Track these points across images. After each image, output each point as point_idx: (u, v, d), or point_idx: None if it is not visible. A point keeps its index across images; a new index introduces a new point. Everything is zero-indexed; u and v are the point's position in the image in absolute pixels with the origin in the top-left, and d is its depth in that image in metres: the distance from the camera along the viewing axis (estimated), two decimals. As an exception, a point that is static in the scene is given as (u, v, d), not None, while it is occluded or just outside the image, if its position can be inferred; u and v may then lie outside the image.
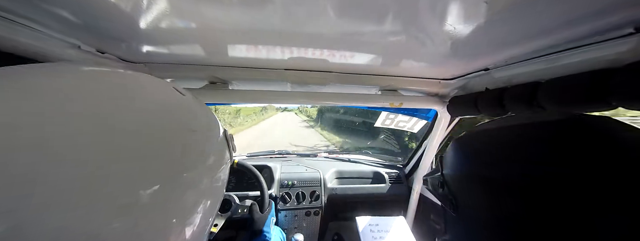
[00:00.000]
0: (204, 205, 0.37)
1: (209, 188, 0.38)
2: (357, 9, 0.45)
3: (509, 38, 0.53)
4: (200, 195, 0.36)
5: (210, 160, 0.39)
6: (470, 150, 0.40)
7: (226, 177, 0.47)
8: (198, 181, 0.35)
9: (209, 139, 0.40)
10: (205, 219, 0.38)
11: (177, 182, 0.31)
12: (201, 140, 0.38)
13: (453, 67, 0.81)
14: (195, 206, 0.35)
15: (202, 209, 0.36)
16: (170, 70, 0.82)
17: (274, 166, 1.51)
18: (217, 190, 0.42)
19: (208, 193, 0.38)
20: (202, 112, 0.42)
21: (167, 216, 0.29)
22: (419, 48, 0.63)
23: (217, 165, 0.41)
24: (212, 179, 0.39)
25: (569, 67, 0.55)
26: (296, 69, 0.86)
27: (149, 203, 0.27)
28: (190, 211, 0.34)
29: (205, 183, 0.37)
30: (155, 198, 0.27)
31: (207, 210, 0.38)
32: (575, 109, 0.53)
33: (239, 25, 0.52)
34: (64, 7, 0.45)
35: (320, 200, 1.43)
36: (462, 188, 0.40)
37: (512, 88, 0.69)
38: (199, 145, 0.37)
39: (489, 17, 0.44)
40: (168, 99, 0.35)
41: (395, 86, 1.00)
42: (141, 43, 0.64)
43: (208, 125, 0.41)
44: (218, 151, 0.42)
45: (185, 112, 0.37)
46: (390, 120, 1.39)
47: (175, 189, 0.30)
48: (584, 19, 0.43)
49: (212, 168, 0.39)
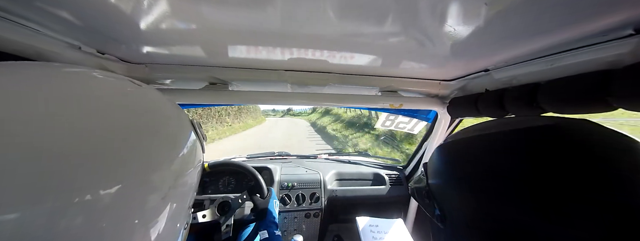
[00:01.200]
0: (167, 208, 0.35)
1: (172, 191, 0.36)
2: (357, 10, 0.45)
3: (509, 39, 0.54)
4: (160, 197, 0.34)
5: (173, 159, 0.37)
6: (449, 159, 0.42)
7: (194, 178, 0.44)
8: (160, 182, 0.34)
9: (171, 136, 0.39)
10: (171, 222, 0.36)
11: (134, 182, 0.30)
12: (161, 137, 0.37)
13: (453, 68, 0.81)
14: (155, 209, 0.33)
15: (165, 211, 0.34)
16: (171, 71, 0.82)
17: (274, 167, 1.50)
18: (182, 193, 0.40)
19: (170, 197, 0.35)
20: (167, 103, 0.42)
21: (121, 218, 0.28)
22: (419, 49, 0.63)
23: (182, 162, 0.39)
24: (176, 181, 0.37)
25: (569, 68, 0.55)
26: (296, 70, 0.86)
27: (99, 202, 0.26)
28: (150, 213, 0.32)
29: (167, 185, 0.35)
30: (106, 198, 0.27)
31: (173, 212, 0.36)
32: (575, 110, 0.53)
33: (239, 26, 0.52)
34: (65, 8, 0.46)
35: (320, 201, 1.42)
36: (446, 200, 0.40)
37: (512, 90, 0.69)
38: (158, 142, 0.36)
39: (488, 18, 0.44)
40: (119, 95, 0.35)
41: (395, 87, 1.00)
42: (141, 44, 0.64)
43: (168, 121, 0.40)
44: (183, 148, 0.40)
45: (141, 107, 0.37)
46: (390, 122, 1.39)
47: (132, 189, 0.30)
48: (583, 20, 0.43)
49: (176, 169, 0.37)
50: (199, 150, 0.46)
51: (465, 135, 0.43)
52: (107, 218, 0.27)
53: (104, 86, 0.35)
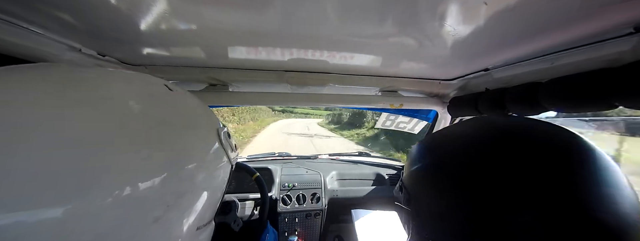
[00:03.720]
0: (199, 202, 0.38)
1: (204, 184, 0.39)
2: (357, 11, 0.45)
3: (509, 38, 0.53)
4: (195, 191, 0.37)
5: (200, 155, 0.40)
6: (414, 155, 0.47)
7: (225, 175, 0.47)
8: (192, 175, 0.36)
9: (197, 136, 0.41)
10: (199, 217, 0.38)
11: (173, 175, 0.32)
12: (189, 137, 0.39)
13: (453, 67, 0.81)
14: (189, 200, 0.36)
15: (196, 205, 0.37)
16: (171, 72, 0.82)
17: (275, 168, 1.50)
18: (213, 188, 0.43)
19: (203, 190, 0.39)
20: (193, 108, 0.43)
21: (159, 207, 0.30)
22: (418, 49, 0.63)
23: (208, 161, 0.41)
24: (207, 175, 0.40)
25: (569, 67, 0.55)
26: (296, 71, 0.86)
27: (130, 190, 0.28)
28: (185, 204, 0.35)
29: (201, 179, 0.38)
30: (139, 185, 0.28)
31: (202, 208, 0.39)
32: (575, 109, 0.53)
33: (239, 27, 0.52)
34: (65, 10, 0.46)
35: (321, 202, 1.42)
36: (411, 185, 0.45)
37: (512, 89, 0.68)
38: (187, 141, 0.38)
39: (488, 17, 0.44)
40: (155, 96, 0.37)
41: (395, 87, 1.00)
42: (141, 45, 0.64)
43: (195, 121, 0.42)
44: (210, 147, 0.43)
45: (173, 108, 0.39)
46: (390, 122, 1.39)
47: (171, 181, 0.31)
48: (583, 18, 0.43)
49: (202, 165, 0.39)
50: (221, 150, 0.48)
51: (437, 133, 0.48)
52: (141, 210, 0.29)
53: (143, 88, 0.37)
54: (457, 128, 0.44)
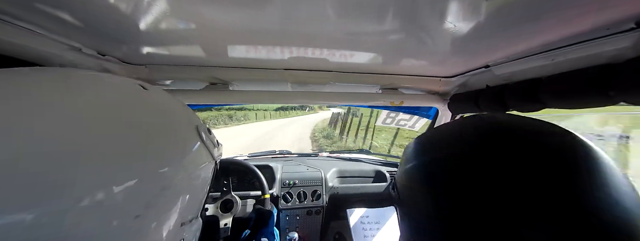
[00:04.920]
0: (180, 201, 0.38)
1: (184, 184, 0.39)
2: (357, 8, 0.45)
3: (510, 35, 0.53)
4: (174, 191, 0.36)
5: (180, 155, 0.39)
6: (407, 154, 0.47)
7: (208, 172, 0.47)
8: (170, 177, 0.35)
9: (176, 136, 0.40)
10: (181, 215, 0.38)
11: (150, 178, 0.32)
12: (167, 137, 0.38)
13: (453, 64, 0.81)
14: (169, 203, 0.35)
15: (177, 205, 0.37)
16: (171, 71, 0.82)
17: (276, 166, 1.51)
18: (194, 187, 0.42)
19: (183, 190, 0.38)
20: (170, 107, 0.43)
21: (129, 213, 0.30)
22: (419, 46, 0.63)
23: (189, 159, 0.41)
24: (186, 175, 0.39)
25: (569, 63, 0.55)
26: (296, 69, 0.86)
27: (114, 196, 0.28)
28: (163, 208, 0.34)
29: (180, 179, 0.37)
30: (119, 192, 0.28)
31: (184, 206, 0.39)
32: (576, 105, 0.53)
33: (239, 25, 0.52)
34: (65, 9, 0.46)
35: (322, 199, 1.43)
36: (401, 184, 0.45)
37: (513, 85, 0.68)
38: (165, 141, 0.37)
39: (489, 14, 0.44)
40: (126, 96, 0.36)
41: (395, 84, 1.00)
42: (141, 45, 0.64)
43: (172, 120, 0.41)
44: (190, 146, 0.42)
45: (148, 108, 0.38)
46: (391, 119, 1.39)
47: (146, 184, 0.31)
48: (584, 14, 0.42)
49: (184, 165, 0.39)
50: (203, 149, 0.47)
51: (431, 132, 0.48)
52: (118, 212, 0.28)
53: (114, 89, 0.36)
54: (450, 127, 0.44)
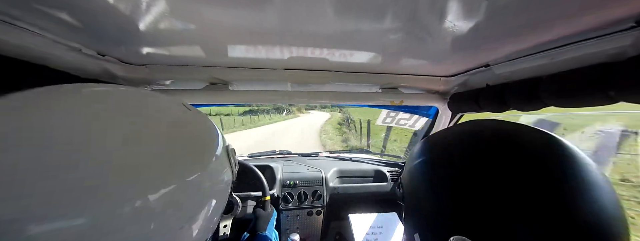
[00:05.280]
0: (209, 206, 0.40)
1: (213, 190, 0.42)
2: (356, 8, 0.45)
3: (510, 34, 0.53)
4: (205, 196, 0.39)
5: (212, 165, 0.42)
6: (414, 153, 0.50)
7: (228, 187, 0.50)
8: (202, 183, 0.39)
9: (209, 148, 0.44)
10: (210, 219, 0.42)
11: (185, 185, 0.35)
12: (203, 151, 0.42)
13: (453, 63, 0.81)
14: (201, 207, 0.38)
15: (207, 209, 0.40)
16: (171, 71, 0.82)
17: (276, 166, 1.51)
18: (221, 192, 0.45)
19: (212, 195, 0.42)
20: (206, 126, 0.47)
21: (178, 216, 0.34)
22: (419, 45, 0.63)
23: (217, 168, 0.44)
24: (214, 182, 0.43)
25: (570, 61, 0.55)
26: (296, 69, 0.86)
27: (160, 203, 0.31)
28: (196, 211, 0.37)
29: (209, 186, 0.41)
30: (164, 199, 0.32)
31: (212, 211, 0.41)
32: (576, 103, 0.53)
33: (239, 25, 0.52)
34: (65, 10, 0.45)
35: (322, 199, 1.43)
36: (406, 181, 0.49)
37: (513, 84, 0.68)
38: (203, 153, 0.42)
39: (489, 13, 0.44)
40: (177, 114, 0.42)
41: (395, 84, 1.00)
42: (141, 45, 0.64)
43: (210, 137, 0.46)
44: (224, 166, 0.47)
45: (191, 125, 0.43)
46: (391, 118, 1.39)
47: (184, 191, 0.35)
48: (585, 13, 0.42)
49: (213, 173, 0.43)
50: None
51: (439, 133, 0.50)
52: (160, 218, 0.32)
53: (166, 110, 0.41)
54: (457, 129, 0.47)
